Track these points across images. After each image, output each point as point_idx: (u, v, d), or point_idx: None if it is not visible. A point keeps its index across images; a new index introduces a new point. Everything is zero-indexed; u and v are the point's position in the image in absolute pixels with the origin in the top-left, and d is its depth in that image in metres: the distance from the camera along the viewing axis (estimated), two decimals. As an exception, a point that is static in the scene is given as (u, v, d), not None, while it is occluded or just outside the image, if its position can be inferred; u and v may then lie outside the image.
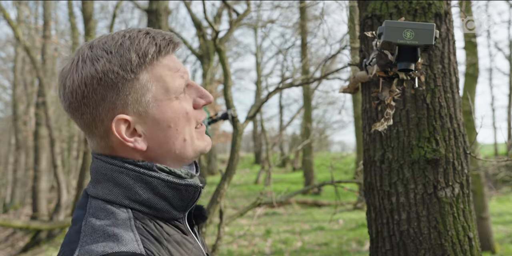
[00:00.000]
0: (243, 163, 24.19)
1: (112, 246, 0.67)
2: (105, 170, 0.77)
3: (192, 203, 0.80)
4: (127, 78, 0.74)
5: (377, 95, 1.25)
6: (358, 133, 11.94)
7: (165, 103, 0.78)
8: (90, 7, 10.87)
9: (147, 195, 0.76)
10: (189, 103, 0.82)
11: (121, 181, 0.76)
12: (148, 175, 0.76)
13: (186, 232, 0.83)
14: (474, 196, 7.02)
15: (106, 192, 0.76)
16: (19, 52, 15.51)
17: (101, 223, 0.72)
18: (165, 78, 0.78)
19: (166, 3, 6.02)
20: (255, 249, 7.97)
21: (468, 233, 1.47)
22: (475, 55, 7.76)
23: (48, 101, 10.50)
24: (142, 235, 0.71)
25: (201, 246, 0.87)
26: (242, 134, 3.57)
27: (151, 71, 0.77)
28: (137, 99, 0.76)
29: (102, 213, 0.73)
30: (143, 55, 0.75)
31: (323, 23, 3.45)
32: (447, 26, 1.57)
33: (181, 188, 0.78)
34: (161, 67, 0.78)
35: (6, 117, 22.11)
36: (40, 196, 11.64)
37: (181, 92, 0.80)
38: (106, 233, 0.70)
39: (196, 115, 0.83)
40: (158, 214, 0.77)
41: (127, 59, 0.74)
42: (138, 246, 0.68)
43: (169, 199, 0.77)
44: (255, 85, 21.07)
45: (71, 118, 0.81)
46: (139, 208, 0.76)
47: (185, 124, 0.80)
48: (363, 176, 1.69)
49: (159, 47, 0.77)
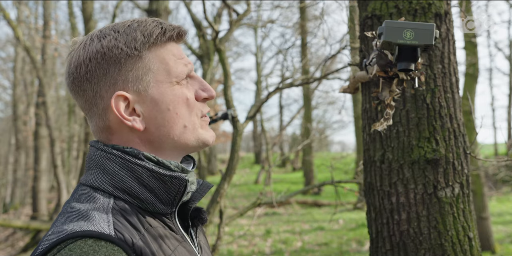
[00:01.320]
0: (243, 163, 24.19)
1: (81, 225, 0.67)
2: (95, 156, 0.78)
3: (178, 197, 0.78)
4: (131, 54, 0.76)
5: (377, 95, 1.25)
6: (358, 133, 11.94)
7: (166, 86, 0.79)
8: (90, 7, 10.87)
9: (131, 183, 0.75)
10: (191, 92, 0.83)
11: (108, 168, 0.76)
12: (133, 162, 0.75)
13: (175, 230, 0.80)
14: (474, 196, 7.02)
15: (93, 179, 0.76)
16: (19, 52, 15.50)
17: (79, 206, 0.72)
18: (168, 61, 0.79)
19: (166, 3, 6.02)
20: (255, 249, 7.96)
21: (468, 233, 1.47)
22: (475, 55, 7.76)
23: (48, 101, 10.50)
24: (117, 219, 0.71)
25: (195, 249, 0.84)
26: (242, 134, 3.57)
27: (155, 52, 0.78)
28: (138, 77, 0.77)
29: (84, 198, 0.74)
30: (148, 35, 0.77)
31: (323, 23, 3.45)
32: (447, 26, 1.57)
33: (166, 179, 0.76)
34: (166, 50, 0.80)
35: (6, 117, 22.12)
36: (40, 196, 11.64)
37: (183, 78, 0.81)
38: (81, 214, 0.70)
39: (199, 106, 0.84)
40: (143, 205, 0.76)
41: (132, 37, 0.77)
42: (108, 227, 0.68)
43: (154, 190, 0.76)
44: (255, 85, 21.08)
45: (73, 98, 0.82)
46: (123, 197, 0.75)
47: (186, 110, 0.80)
48: (363, 176, 1.69)
49: (165, 30, 0.79)
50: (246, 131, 24.88)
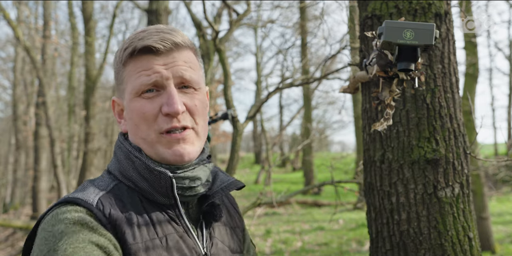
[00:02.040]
0: (243, 163, 24.19)
1: (74, 194, 0.81)
2: (115, 146, 0.92)
3: (169, 190, 0.84)
4: (118, 68, 0.89)
5: (377, 95, 1.25)
6: (358, 133, 11.94)
7: (130, 98, 0.86)
8: (90, 7, 10.87)
9: (132, 172, 0.85)
10: (154, 105, 0.84)
11: (119, 156, 0.88)
12: (133, 154, 0.85)
13: (178, 222, 0.85)
14: (474, 196, 7.01)
15: (110, 164, 0.90)
16: (19, 52, 15.49)
17: (87, 183, 0.86)
18: (132, 74, 0.86)
19: (166, 3, 6.02)
20: (255, 249, 7.95)
21: (468, 233, 1.47)
22: (475, 55, 7.75)
23: (48, 101, 10.49)
24: (109, 196, 0.82)
25: (200, 243, 0.86)
26: (242, 134, 3.57)
27: (126, 66, 0.87)
28: (119, 87, 0.90)
29: (97, 178, 0.89)
30: (122, 50, 0.87)
31: (323, 23, 3.45)
32: (447, 26, 1.57)
33: (155, 173, 0.83)
34: (135, 63, 0.85)
35: (6, 117, 22.11)
36: (40, 196, 11.63)
37: (144, 90, 0.84)
38: (83, 187, 0.85)
39: (160, 121, 0.84)
40: (144, 193, 0.85)
41: (119, 51, 0.88)
42: (93, 197, 0.80)
43: (149, 181, 0.84)
44: (255, 85, 21.07)
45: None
46: (127, 183, 0.85)
47: (143, 123, 0.85)
48: (363, 176, 1.69)
49: (127, 47, 0.85)
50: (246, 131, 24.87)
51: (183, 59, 0.86)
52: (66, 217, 0.75)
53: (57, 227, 0.73)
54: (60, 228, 0.73)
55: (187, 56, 0.88)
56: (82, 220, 0.75)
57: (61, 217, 0.75)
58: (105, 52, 11.76)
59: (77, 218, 0.75)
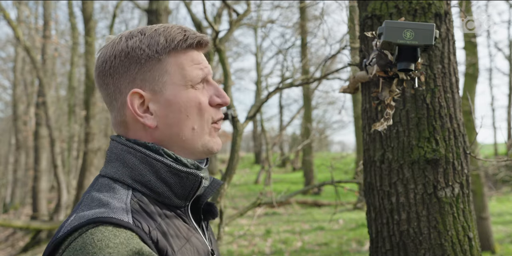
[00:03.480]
0: (243, 163, 24.19)
1: (102, 212, 0.71)
2: (117, 149, 0.83)
3: (193, 193, 0.83)
4: (151, 56, 0.82)
5: (377, 95, 1.25)
6: (358, 133, 11.94)
7: (180, 88, 0.83)
8: (90, 7, 10.87)
9: (150, 177, 0.80)
10: (205, 97, 0.86)
11: (128, 161, 0.81)
12: (153, 157, 0.80)
13: (188, 222, 0.85)
14: (474, 196, 7.02)
15: (114, 171, 0.81)
16: (19, 52, 15.49)
17: (100, 195, 0.77)
18: (185, 66, 0.84)
19: (166, 3, 6.02)
20: (255, 249, 7.96)
21: (468, 233, 1.47)
22: (475, 55, 7.75)
23: (48, 101, 10.49)
24: (135, 209, 0.75)
25: (206, 241, 0.88)
26: (242, 134, 3.57)
27: (174, 57, 0.83)
28: (155, 77, 0.83)
29: (104, 188, 0.79)
30: (171, 40, 0.83)
31: (323, 23, 3.45)
32: (447, 26, 1.57)
33: (182, 175, 0.81)
34: (184, 55, 0.84)
35: (6, 117, 22.11)
36: (40, 196, 11.64)
37: (198, 82, 0.85)
38: (101, 202, 0.75)
39: (211, 111, 0.87)
40: (159, 198, 0.81)
41: (155, 40, 0.82)
42: (127, 215, 0.72)
43: (170, 184, 0.81)
44: (255, 85, 21.07)
45: (99, 91, 0.89)
46: (141, 189, 0.80)
47: (197, 113, 0.84)
48: (363, 176, 1.69)
49: (187, 37, 0.84)
50: (246, 131, 24.88)
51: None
52: (107, 245, 0.64)
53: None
54: None
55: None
56: (130, 249, 0.66)
57: (98, 245, 0.64)
58: (105, 52, 11.72)
59: (121, 245, 0.65)
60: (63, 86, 17.10)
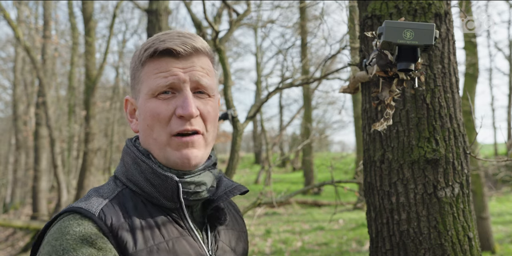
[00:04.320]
0: (243, 163, 24.19)
1: (78, 203, 0.82)
2: (123, 150, 0.92)
3: (175, 195, 0.84)
4: (135, 67, 0.90)
5: (377, 95, 1.25)
6: (358, 133, 11.95)
7: (145, 97, 0.87)
8: (90, 7, 10.87)
9: (138, 177, 0.85)
10: (169, 107, 0.85)
11: (126, 161, 0.89)
12: (140, 159, 0.86)
13: (182, 225, 0.85)
14: (474, 196, 7.01)
15: (118, 169, 0.91)
16: (19, 52, 15.50)
17: (92, 191, 0.87)
18: (149, 75, 0.87)
19: (166, 3, 6.02)
20: (255, 249, 7.96)
21: (468, 233, 1.47)
22: (475, 55, 7.75)
23: (48, 101, 10.49)
24: (112, 204, 0.83)
25: (203, 245, 0.87)
26: (242, 134, 3.57)
27: (145, 66, 0.88)
28: (135, 86, 0.91)
29: (103, 185, 0.89)
30: (143, 50, 0.87)
31: (323, 23, 3.45)
32: (447, 26, 1.57)
33: (162, 177, 0.84)
34: (153, 65, 0.86)
35: (6, 117, 22.11)
36: (40, 196, 11.64)
37: (160, 92, 0.85)
38: (88, 196, 0.85)
39: (173, 123, 0.84)
40: (149, 198, 0.85)
41: (139, 51, 0.90)
42: (96, 207, 0.81)
43: (156, 186, 0.84)
44: (255, 85, 21.07)
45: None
46: (132, 187, 0.86)
47: (156, 124, 0.85)
48: (363, 176, 1.69)
49: (148, 47, 0.86)
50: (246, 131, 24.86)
51: (201, 65, 0.88)
52: (68, 231, 0.76)
53: (60, 242, 0.75)
54: (62, 244, 0.75)
55: (205, 63, 0.89)
56: (83, 235, 0.76)
57: (64, 231, 0.76)
58: (105, 52, 11.74)
59: (79, 233, 0.76)
60: (63, 86, 17.10)
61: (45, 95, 10.44)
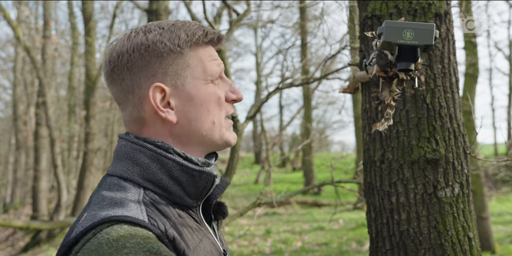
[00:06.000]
0: (243, 163, 24.19)
1: (116, 211, 0.69)
2: (126, 148, 0.80)
3: (206, 192, 0.82)
4: (173, 50, 0.81)
5: (377, 95, 1.25)
6: (358, 133, 11.95)
7: (201, 83, 0.83)
8: (90, 7, 10.88)
9: (161, 176, 0.78)
10: (222, 92, 0.87)
11: (139, 160, 0.78)
12: (164, 156, 0.78)
13: (199, 222, 0.84)
14: (474, 196, 7.01)
15: (123, 170, 0.78)
16: (19, 52, 15.49)
17: (111, 194, 0.74)
18: (205, 61, 0.84)
19: (166, 3, 6.01)
20: (255, 249, 7.97)
21: (468, 233, 1.47)
22: (475, 55, 7.76)
23: (48, 101, 10.49)
24: (148, 207, 0.73)
25: (217, 241, 0.87)
26: (242, 134, 3.57)
27: (195, 51, 0.83)
28: (177, 71, 0.81)
29: (115, 187, 0.76)
30: (192, 34, 0.82)
31: (323, 23, 3.45)
32: (447, 26, 1.57)
33: (195, 174, 0.79)
34: (204, 51, 0.85)
35: (6, 117, 22.11)
36: (40, 196, 11.63)
37: (216, 77, 0.86)
38: (113, 200, 0.72)
39: (227, 107, 0.88)
40: (171, 197, 0.79)
41: (176, 35, 0.81)
42: (141, 214, 0.70)
43: (182, 184, 0.79)
44: (255, 85, 21.08)
45: (109, 85, 0.85)
46: (152, 188, 0.77)
47: (216, 108, 0.85)
48: (363, 176, 1.69)
49: (206, 33, 0.84)
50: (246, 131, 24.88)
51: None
52: (124, 245, 0.63)
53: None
54: None
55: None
56: (144, 246, 0.64)
57: (116, 245, 0.63)
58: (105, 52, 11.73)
59: (138, 245, 0.64)
60: (63, 86, 17.10)
61: (45, 95, 10.44)
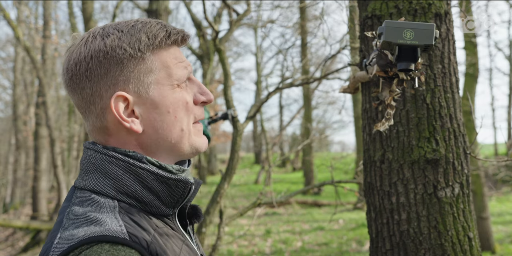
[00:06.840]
0: (243, 163, 24.19)
1: (93, 230, 0.65)
2: (95, 159, 0.75)
3: (182, 199, 0.78)
4: (134, 55, 0.75)
5: (377, 95, 1.25)
6: (358, 133, 11.95)
7: (167, 88, 0.78)
8: (90, 7, 10.87)
9: (135, 187, 0.74)
10: (190, 96, 0.82)
11: (110, 171, 0.74)
12: (138, 166, 0.74)
13: (176, 229, 0.81)
14: (474, 196, 7.01)
15: (94, 183, 0.74)
16: (19, 52, 15.50)
17: (84, 210, 0.69)
18: (170, 65, 0.79)
19: (166, 3, 6.02)
20: (255, 249, 7.96)
21: (468, 233, 1.47)
22: (475, 55, 7.76)
23: (48, 101, 10.49)
24: (126, 222, 0.69)
25: (194, 246, 0.85)
26: (242, 134, 3.57)
27: (158, 55, 0.78)
28: (140, 78, 0.76)
29: (86, 202, 0.71)
30: (153, 37, 0.76)
31: (323, 23, 3.45)
32: (447, 26, 1.57)
33: (170, 182, 0.75)
34: (167, 53, 0.79)
35: (6, 117, 22.12)
36: (40, 196, 11.64)
37: (183, 81, 0.81)
38: (89, 218, 0.68)
39: (195, 111, 0.83)
40: (146, 208, 0.75)
41: (136, 38, 0.75)
42: (121, 230, 0.66)
43: (157, 193, 0.75)
44: (255, 85, 21.08)
45: (69, 94, 0.79)
46: (126, 200, 0.73)
47: (184, 114, 0.80)
48: (363, 176, 1.69)
49: (169, 33, 0.78)
50: (246, 131, 24.87)
51: None
52: None
53: None
54: None
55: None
56: None
57: None
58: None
59: None
60: (63, 86, 17.09)
61: (45, 95, 10.44)
